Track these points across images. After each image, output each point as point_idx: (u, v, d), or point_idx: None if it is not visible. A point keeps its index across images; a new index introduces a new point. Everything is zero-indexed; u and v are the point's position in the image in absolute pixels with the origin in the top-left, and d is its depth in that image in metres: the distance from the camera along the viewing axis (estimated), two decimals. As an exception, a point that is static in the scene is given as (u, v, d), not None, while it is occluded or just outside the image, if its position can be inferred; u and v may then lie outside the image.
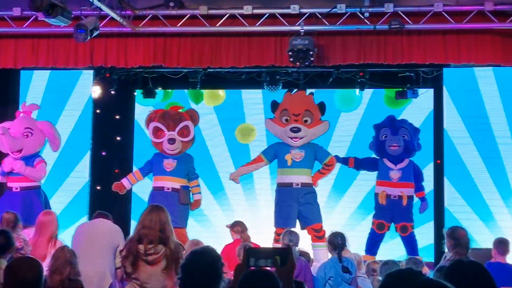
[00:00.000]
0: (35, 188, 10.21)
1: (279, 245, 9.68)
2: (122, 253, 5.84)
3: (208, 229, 12.00)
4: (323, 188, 10.83)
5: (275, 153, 10.34)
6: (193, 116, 10.74)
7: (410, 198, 10.32)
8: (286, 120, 10.28)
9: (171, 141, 10.40)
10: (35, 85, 12.21)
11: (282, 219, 10.03)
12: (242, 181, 11.08)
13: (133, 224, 10.59)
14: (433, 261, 10.41)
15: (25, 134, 10.23)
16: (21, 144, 10.13)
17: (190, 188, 10.53)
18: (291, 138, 10.18)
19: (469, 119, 11.49)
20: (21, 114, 10.59)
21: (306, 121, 10.24)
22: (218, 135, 12.52)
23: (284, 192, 10.19)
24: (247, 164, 10.64)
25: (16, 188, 10.16)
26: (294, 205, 10.07)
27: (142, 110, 12.27)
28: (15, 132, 10.19)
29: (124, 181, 10.64)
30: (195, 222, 11.37)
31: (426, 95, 11.67)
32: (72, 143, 11.85)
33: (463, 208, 11.19)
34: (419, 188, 10.48)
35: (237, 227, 9.14)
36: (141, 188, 11.51)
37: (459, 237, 6.92)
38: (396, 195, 10.22)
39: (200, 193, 10.67)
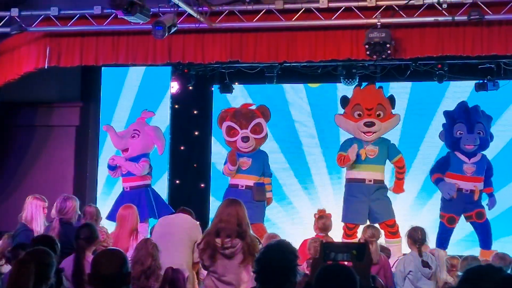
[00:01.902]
0: (143, 187, 10.68)
1: (350, 240, 9.68)
2: (199, 247, 5.93)
3: (295, 220, 12.03)
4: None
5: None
6: (265, 113, 10.81)
7: (481, 192, 10.16)
8: (359, 115, 10.23)
9: (245, 139, 10.51)
10: (115, 81, 12.49)
11: (353, 214, 9.99)
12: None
13: (211, 219, 10.77)
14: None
15: (132, 135, 10.76)
16: (126, 143, 10.68)
17: (264, 185, 10.60)
18: (365, 132, 10.12)
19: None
20: (138, 120, 11.09)
21: (379, 115, 10.20)
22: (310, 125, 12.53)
23: (355, 188, 10.14)
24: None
25: (127, 188, 10.71)
26: (366, 201, 10.01)
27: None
28: (125, 132, 10.79)
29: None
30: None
31: (507, 87, 11.39)
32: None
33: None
34: (488, 184, 10.24)
35: (321, 224, 8.99)
36: (218, 183, 11.63)
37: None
38: (469, 189, 10.03)
39: (271, 191, 10.73)
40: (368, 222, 9.74)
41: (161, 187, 12.18)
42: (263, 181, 10.66)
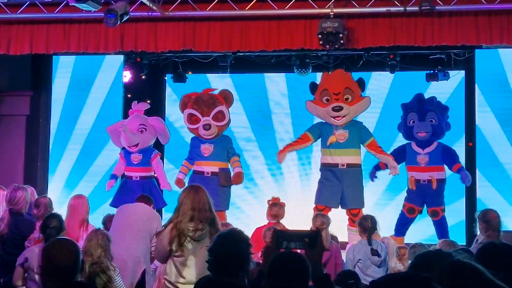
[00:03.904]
0: (151, 178, 10.82)
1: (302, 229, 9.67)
2: (167, 234, 5.81)
3: (240, 216, 12.06)
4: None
5: (320, 132, 10.24)
6: (227, 98, 10.63)
7: (440, 181, 10.14)
8: (327, 100, 10.15)
9: (207, 126, 10.40)
10: (67, 71, 12.33)
11: (326, 197, 9.96)
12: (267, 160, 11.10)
13: (165, 208, 10.72)
14: (464, 243, 10.33)
15: (140, 130, 10.77)
16: (137, 139, 10.69)
17: (230, 167, 10.48)
18: (334, 117, 10.09)
19: (499, 100, 11.34)
20: (134, 113, 11.00)
21: (347, 99, 10.06)
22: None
23: (329, 172, 10.08)
24: (294, 143, 10.41)
25: (136, 177, 10.73)
26: (339, 185, 9.96)
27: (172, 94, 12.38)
28: (131, 128, 10.75)
29: (180, 175, 10.67)
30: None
31: (457, 77, 11.57)
32: (103, 128, 11.89)
33: (493, 194, 11.06)
34: (453, 162, 10.21)
35: (275, 211, 9.03)
36: (170, 172, 11.58)
37: (489, 219, 6.91)
38: (426, 179, 10.07)
39: (240, 167, 10.49)
40: (340, 207, 9.84)
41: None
42: (230, 163, 10.50)
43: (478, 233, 7.32)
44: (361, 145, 10.08)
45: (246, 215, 12.09)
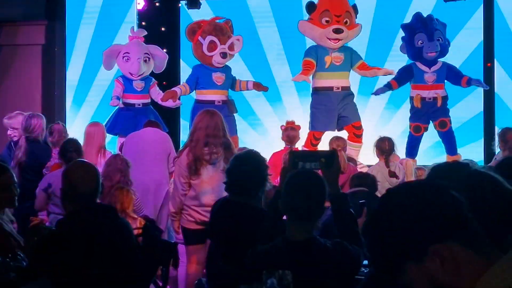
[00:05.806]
0: (150, 105, 10.77)
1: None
2: (184, 159, 5.87)
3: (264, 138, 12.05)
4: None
5: (317, 56, 10.16)
6: (231, 27, 10.47)
7: (445, 98, 10.02)
8: (327, 21, 10.03)
9: (223, 55, 10.30)
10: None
11: (322, 122, 9.96)
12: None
13: (182, 139, 10.72)
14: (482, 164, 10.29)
15: (145, 59, 10.62)
16: (144, 68, 10.59)
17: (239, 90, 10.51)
18: (332, 39, 9.98)
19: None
20: (135, 40, 10.80)
21: (346, 22, 10.00)
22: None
23: (323, 96, 10.05)
24: (305, 72, 10.30)
25: (139, 105, 10.64)
26: (335, 108, 9.96)
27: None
28: (139, 58, 10.57)
29: (177, 88, 10.65)
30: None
31: None
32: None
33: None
34: (459, 76, 10.02)
35: (287, 134, 9.06)
36: (187, 99, 11.53)
37: (508, 139, 6.87)
38: (431, 97, 10.01)
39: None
40: (336, 129, 9.81)
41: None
42: (239, 84, 10.44)
43: (497, 151, 7.30)
44: (351, 68, 10.04)
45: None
